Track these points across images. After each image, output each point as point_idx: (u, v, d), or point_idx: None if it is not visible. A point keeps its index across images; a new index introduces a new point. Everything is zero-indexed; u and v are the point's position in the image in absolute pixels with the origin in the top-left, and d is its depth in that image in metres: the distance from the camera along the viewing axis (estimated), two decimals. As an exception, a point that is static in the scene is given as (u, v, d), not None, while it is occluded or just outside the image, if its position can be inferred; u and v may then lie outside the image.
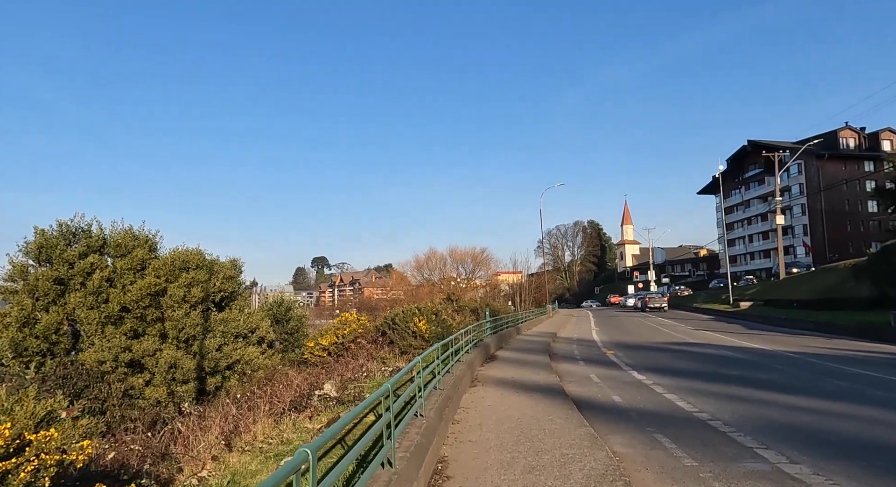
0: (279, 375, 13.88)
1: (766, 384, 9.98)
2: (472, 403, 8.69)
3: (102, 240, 13.61)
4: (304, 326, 18.02)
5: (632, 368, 13.01)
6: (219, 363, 12.79)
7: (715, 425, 7.01)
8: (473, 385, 10.54)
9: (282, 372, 13.84)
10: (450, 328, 17.47)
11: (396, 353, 16.16)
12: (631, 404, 8.66)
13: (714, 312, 40.73)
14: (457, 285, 55.84)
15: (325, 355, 16.09)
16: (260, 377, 13.42)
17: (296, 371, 14.13)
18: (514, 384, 10.43)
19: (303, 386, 10.95)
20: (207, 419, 9.05)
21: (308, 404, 9.66)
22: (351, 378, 12.33)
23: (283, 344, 18.05)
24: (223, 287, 14.16)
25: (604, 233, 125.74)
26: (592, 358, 15.47)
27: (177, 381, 11.96)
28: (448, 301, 29.84)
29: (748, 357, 14.36)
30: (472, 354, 13.69)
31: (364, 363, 14.90)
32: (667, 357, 15.06)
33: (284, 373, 14.00)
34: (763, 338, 19.83)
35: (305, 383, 11.78)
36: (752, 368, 12.33)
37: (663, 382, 10.69)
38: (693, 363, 13.68)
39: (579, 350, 17.81)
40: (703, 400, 8.66)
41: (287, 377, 13.14)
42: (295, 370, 14.10)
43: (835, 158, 60.84)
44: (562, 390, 9.72)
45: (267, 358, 15.35)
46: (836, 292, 29.82)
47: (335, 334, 16.26)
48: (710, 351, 16.12)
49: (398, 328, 16.44)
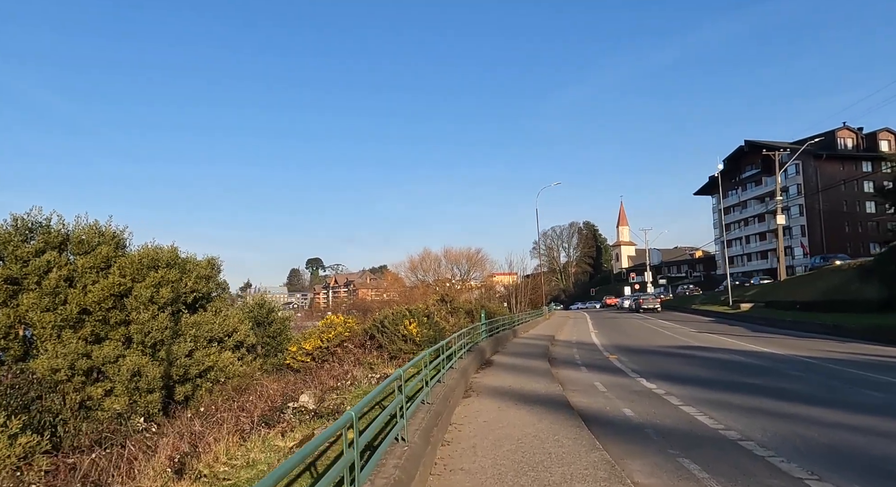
0: (256, 383, 12.81)
1: (791, 395, 9.01)
2: (466, 418, 7.65)
3: (65, 236, 12.48)
4: (287, 329, 16.93)
5: (639, 374, 12.02)
6: (189, 371, 11.69)
7: (748, 446, 6.01)
8: (467, 396, 9.50)
9: (259, 380, 12.75)
10: (443, 331, 16.44)
11: (385, 358, 15.11)
12: (645, 418, 7.65)
13: (714, 313, 39.90)
14: (452, 287, 54.85)
15: (308, 360, 15.01)
16: (236, 386, 12.33)
17: (274, 379, 13.06)
18: (512, 395, 9.40)
19: (278, 396, 9.89)
20: (166, 435, 7.97)
21: (281, 418, 8.60)
22: (333, 387, 11.27)
23: (266, 349, 16.96)
24: (196, 287, 13.07)
25: (599, 234, 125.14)
26: (595, 364, 14.48)
27: (140, 390, 10.86)
28: (442, 303, 28.77)
29: (762, 363, 13.41)
30: (466, 359, 12.67)
31: (350, 370, 13.84)
32: (675, 363, 14.09)
33: (261, 381, 12.93)
34: (771, 341, 18.91)
35: (283, 392, 10.71)
36: (769, 375, 11.37)
37: (676, 391, 9.70)
38: (704, 369, 12.70)
39: (580, 355, 16.82)
40: (726, 415, 7.67)
41: (264, 385, 12.08)
42: (274, 378, 13.02)
43: (832, 159, 60.38)
44: (566, 401, 8.71)
45: (246, 364, 14.28)
46: (841, 293, 29.00)
47: (319, 337, 15.18)
48: (719, 356, 15.17)
49: (387, 331, 15.39)
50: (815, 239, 60.49)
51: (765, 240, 70.16)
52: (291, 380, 11.72)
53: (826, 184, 58.24)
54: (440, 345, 9.33)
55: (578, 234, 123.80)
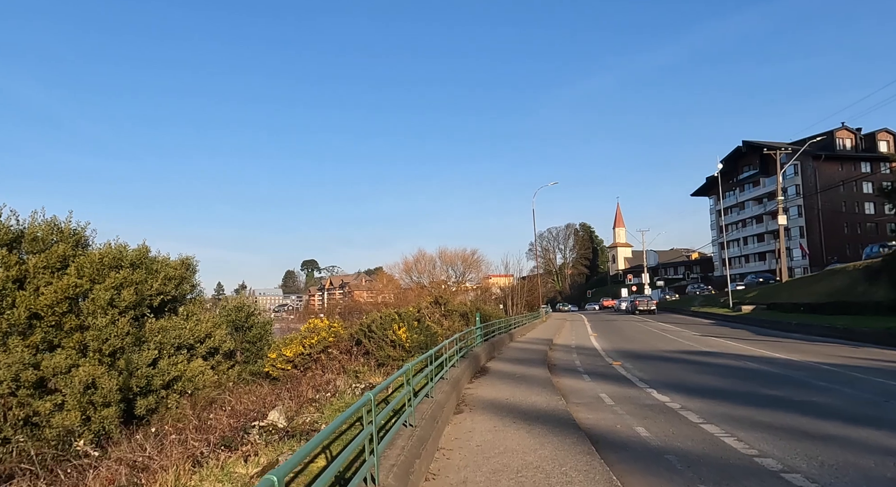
0: (230, 394, 11.71)
1: (825, 411, 7.99)
2: (457, 441, 6.59)
3: (17, 233, 11.32)
4: (268, 334, 15.81)
5: (647, 384, 11.00)
6: (152, 381, 10.57)
7: (795, 481, 4.98)
8: (459, 412, 8.44)
9: (232, 390, 11.64)
10: (435, 335, 15.38)
11: (372, 365, 14.02)
12: (664, 441, 6.61)
13: (714, 316, 39.03)
14: (447, 289, 53.75)
15: (289, 368, 13.91)
16: (206, 397, 11.22)
17: (248, 389, 11.95)
18: (509, 410, 8.35)
19: (250, 410, 8.79)
20: (106, 460, 6.86)
21: (245, 439, 7.51)
22: (311, 399, 10.18)
23: (245, 355, 15.84)
24: (164, 289, 11.94)
25: (596, 236, 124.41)
26: (598, 371, 13.45)
27: (95, 404, 9.73)
28: (435, 305, 27.70)
29: (778, 371, 12.42)
30: (459, 368, 11.61)
31: (333, 378, 12.75)
32: (684, 370, 13.09)
33: (235, 391, 11.82)
34: (782, 346, 17.95)
35: (256, 404, 9.62)
36: (792, 385, 10.36)
37: (692, 405, 8.68)
38: (718, 378, 11.69)
39: (581, 361, 15.79)
40: (756, 436, 6.64)
41: (234, 397, 10.98)
42: (249, 388, 11.91)
43: (831, 159, 59.80)
44: (570, 418, 7.66)
45: (221, 373, 13.17)
46: (848, 295, 28.16)
47: (301, 343, 14.08)
48: (730, 362, 14.17)
49: (375, 336, 14.31)
50: (813, 240, 59.83)
51: (763, 242, 69.53)
52: (266, 391, 10.61)
53: (825, 185, 57.65)
54: (429, 354, 8.27)
55: (574, 235, 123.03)
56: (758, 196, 68.91)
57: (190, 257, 14.81)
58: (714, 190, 78.18)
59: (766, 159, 67.37)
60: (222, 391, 11.69)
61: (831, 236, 59.21)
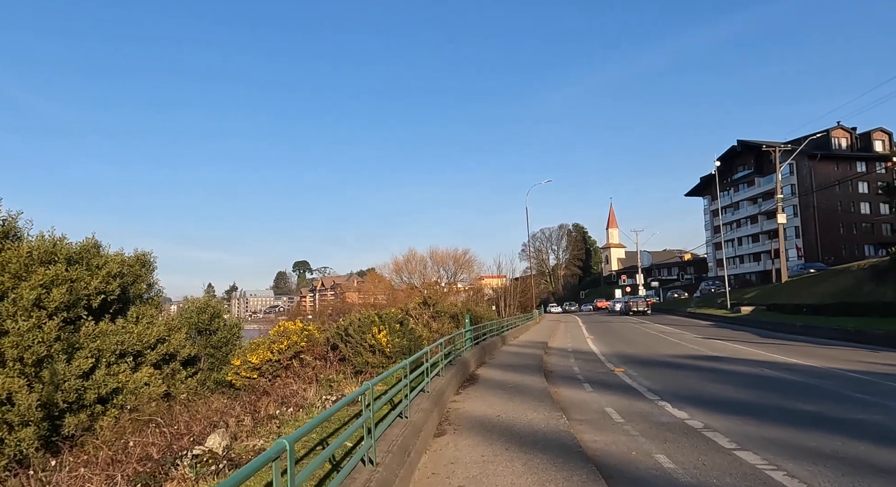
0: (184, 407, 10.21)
1: (880, 433, 6.67)
2: (433, 478, 5.17)
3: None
4: (235, 337, 14.30)
5: (658, 396, 9.65)
6: (85, 395, 9.04)
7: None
8: (441, 433, 7.03)
9: (185, 403, 10.15)
10: (419, 339, 13.96)
11: (349, 373, 12.56)
12: (696, 477, 5.24)
13: (712, 317, 37.94)
14: (439, 289, 52.33)
15: (255, 376, 12.41)
16: (156, 412, 9.71)
17: (206, 402, 10.45)
18: (502, 431, 6.96)
19: (184, 432, 7.32)
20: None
21: (172, 473, 6.05)
22: (270, 416, 8.72)
23: (211, 362, 14.32)
24: (107, 288, 10.41)
25: (589, 236, 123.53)
26: (600, 379, 12.10)
27: (10, 424, 8.20)
28: (424, 306, 26.28)
29: (804, 379, 11.13)
30: (445, 376, 10.21)
31: (302, 389, 11.28)
32: (695, 378, 11.76)
33: (190, 405, 10.33)
34: (795, 350, 16.72)
35: (201, 422, 8.14)
36: (826, 398, 9.05)
37: (718, 424, 7.34)
38: (737, 388, 10.36)
39: (580, 367, 14.44)
40: (811, 469, 5.30)
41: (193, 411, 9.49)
42: (206, 401, 10.41)
43: (827, 159, 59.08)
44: (574, 442, 6.28)
45: (180, 382, 11.65)
46: (853, 296, 27.09)
47: (270, 348, 12.59)
48: (746, 369, 12.88)
49: (352, 340, 12.86)
50: (809, 241, 59.11)
51: (757, 242, 68.79)
52: (219, 405, 9.10)
53: (820, 184, 56.92)
54: (404, 364, 6.85)
55: (567, 236, 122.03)
56: (752, 196, 68.17)
57: (146, 253, 13.32)
58: (708, 190, 77.49)
59: (760, 159, 66.67)
60: (173, 404, 10.19)
61: (827, 236, 58.51)
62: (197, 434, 7.25)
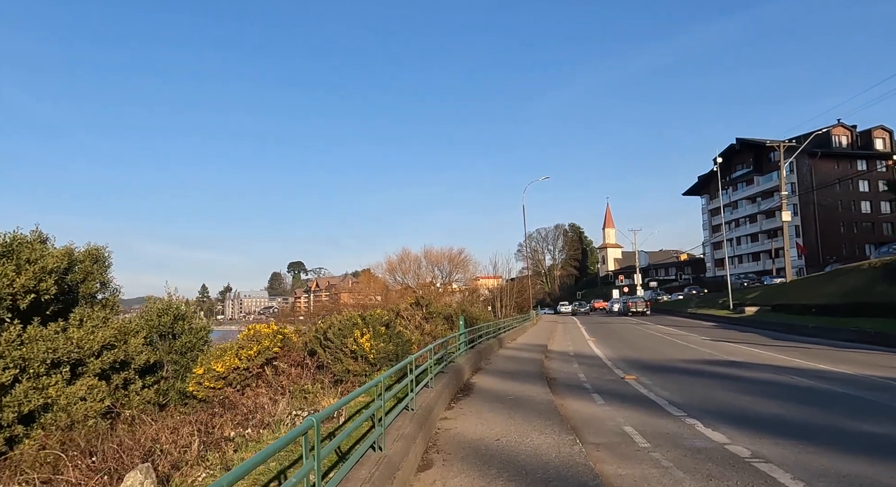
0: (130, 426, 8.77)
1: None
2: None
3: None
4: (202, 342, 12.81)
5: (683, 411, 8.27)
6: (1, 414, 7.56)
7: None
8: (426, 466, 5.61)
9: (129, 421, 8.68)
10: (407, 344, 12.54)
11: (327, 383, 11.13)
12: (769, 538, 3.85)
13: (714, 318, 36.76)
14: (434, 290, 50.87)
15: (220, 386, 10.94)
16: (89, 433, 8.23)
17: (156, 417, 8.99)
18: (502, 462, 5.56)
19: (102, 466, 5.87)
20: None
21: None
22: (223, 440, 7.27)
23: (175, 369, 12.84)
24: (40, 287, 8.91)
25: (585, 236, 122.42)
26: (610, 389, 10.72)
27: None
28: (416, 307, 24.83)
29: (845, 390, 9.80)
30: (435, 388, 8.80)
31: (270, 402, 9.85)
32: (720, 388, 10.40)
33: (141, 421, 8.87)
34: (817, 354, 15.43)
35: (136, 452, 6.69)
36: (882, 415, 7.71)
37: (768, 452, 5.96)
38: (772, 400, 9.00)
39: (586, 374, 13.05)
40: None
41: (130, 429, 8.04)
42: (154, 418, 8.93)
43: (827, 157, 58.16)
44: (596, 481, 4.88)
45: (134, 394, 10.19)
46: (865, 295, 25.92)
47: (237, 355, 11.12)
48: (772, 377, 11.54)
49: (331, 346, 11.42)
50: (809, 240, 58.11)
51: (756, 241, 67.85)
52: (160, 426, 7.62)
53: (821, 182, 55.94)
54: (377, 381, 5.44)
55: (564, 236, 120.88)
56: (751, 195, 67.24)
57: (100, 248, 11.81)
58: (706, 189, 76.53)
59: (759, 158, 65.76)
60: (117, 422, 8.72)
61: (828, 235, 57.57)
62: (121, 467, 5.80)
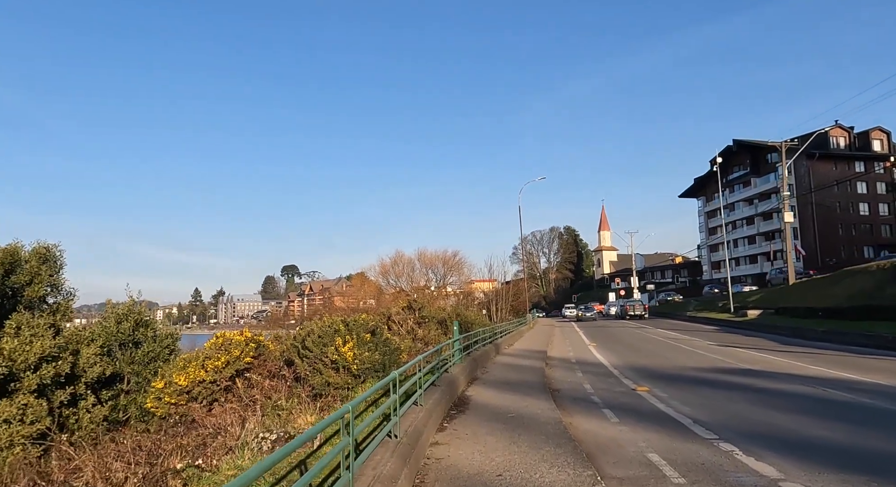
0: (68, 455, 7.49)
1: None
2: None
3: None
4: (167, 351, 11.51)
5: (714, 433, 7.11)
6: None
7: None
8: (411, 517, 4.41)
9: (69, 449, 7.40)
10: (396, 352, 11.32)
11: (304, 397, 9.89)
12: None
13: (716, 321, 35.77)
14: (428, 293, 49.67)
15: (183, 401, 9.67)
16: (19, 461, 6.96)
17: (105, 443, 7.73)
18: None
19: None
20: None
21: None
22: (165, 474, 6.03)
23: (137, 382, 11.53)
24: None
25: (580, 239, 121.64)
26: (622, 403, 9.55)
27: None
28: (408, 311, 23.63)
29: (885, 404, 8.70)
30: (425, 406, 7.58)
31: (238, 419, 8.62)
32: (744, 402, 9.26)
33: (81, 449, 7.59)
34: (838, 361, 14.37)
35: None
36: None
37: (834, 491, 4.81)
38: (815, 419, 7.86)
39: (592, 384, 11.88)
40: None
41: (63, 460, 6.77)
42: (96, 445, 7.68)
43: (825, 158, 57.57)
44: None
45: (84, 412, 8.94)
46: (875, 298, 24.99)
47: (203, 366, 9.86)
48: (800, 389, 10.42)
49: (309, 355, 10.18)
50: (808, 242, 57.40)
51: (754, 244, 67.17)
52: (93, 457, 6.35)
53: (819, 184, 55.31)
54: (345, 411, 4.24)
55: (559, 239, 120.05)
56: (749, 197, 66.60)
57: (49, 247, 10.54)
58: (703, 191, 75.93)
59: (757, 159, 65.17)
60: (54, 448, 7.45)
61: (826, 237, 56.91)
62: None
